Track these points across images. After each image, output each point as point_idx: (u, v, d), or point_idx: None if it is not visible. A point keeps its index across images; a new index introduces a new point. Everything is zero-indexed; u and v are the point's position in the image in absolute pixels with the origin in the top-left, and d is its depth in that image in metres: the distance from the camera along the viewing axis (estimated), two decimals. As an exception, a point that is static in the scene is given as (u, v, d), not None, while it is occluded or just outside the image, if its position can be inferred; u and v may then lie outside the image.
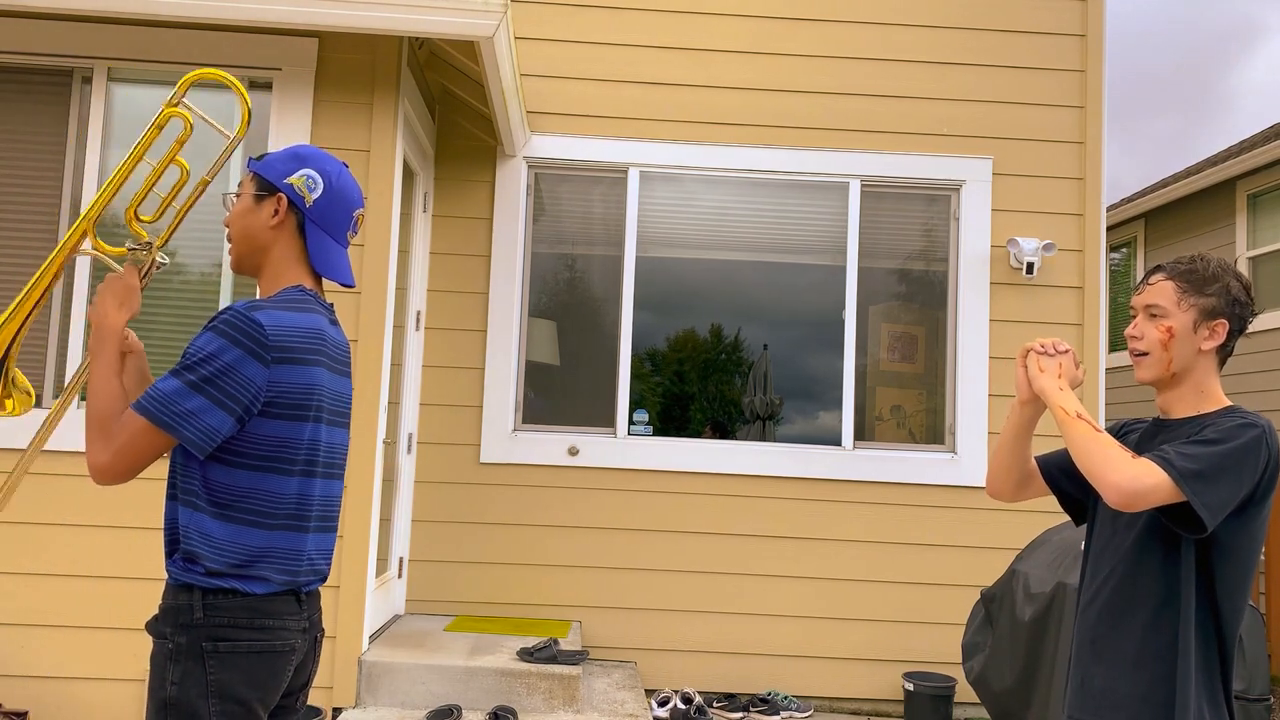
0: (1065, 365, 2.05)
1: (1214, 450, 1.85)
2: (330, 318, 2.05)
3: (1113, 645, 1.98)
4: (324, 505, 2.01)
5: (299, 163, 2.03)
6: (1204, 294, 1.97)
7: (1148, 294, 2.03)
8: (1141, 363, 2.03)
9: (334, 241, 2.05)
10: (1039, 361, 2.07)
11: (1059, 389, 2.02)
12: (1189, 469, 1.82)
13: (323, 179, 2.03)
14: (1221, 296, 1.97)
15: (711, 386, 5.77)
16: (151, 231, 4.05)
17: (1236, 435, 1.86)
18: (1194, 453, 1.85)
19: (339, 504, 2.08)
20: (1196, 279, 1.98)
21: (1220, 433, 1.87)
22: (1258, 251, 9.15)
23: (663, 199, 5.77)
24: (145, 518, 4.20)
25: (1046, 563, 3.97)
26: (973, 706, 5.22)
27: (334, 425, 2.02)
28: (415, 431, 5.42)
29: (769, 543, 5.49)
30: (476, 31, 4.12)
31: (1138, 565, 1.96)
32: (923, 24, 5.82)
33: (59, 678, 4.16)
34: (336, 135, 4.43)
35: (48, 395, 4.35)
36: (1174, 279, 2.00)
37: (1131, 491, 1.81)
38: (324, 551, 2.02)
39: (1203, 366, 2.00)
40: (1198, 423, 1.96)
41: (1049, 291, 5.70)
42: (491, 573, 5.41)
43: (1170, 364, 1.99)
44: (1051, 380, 2.03)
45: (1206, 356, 1.99)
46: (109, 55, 4.43)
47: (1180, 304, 1.98)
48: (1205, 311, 1.97)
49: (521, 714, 4.27)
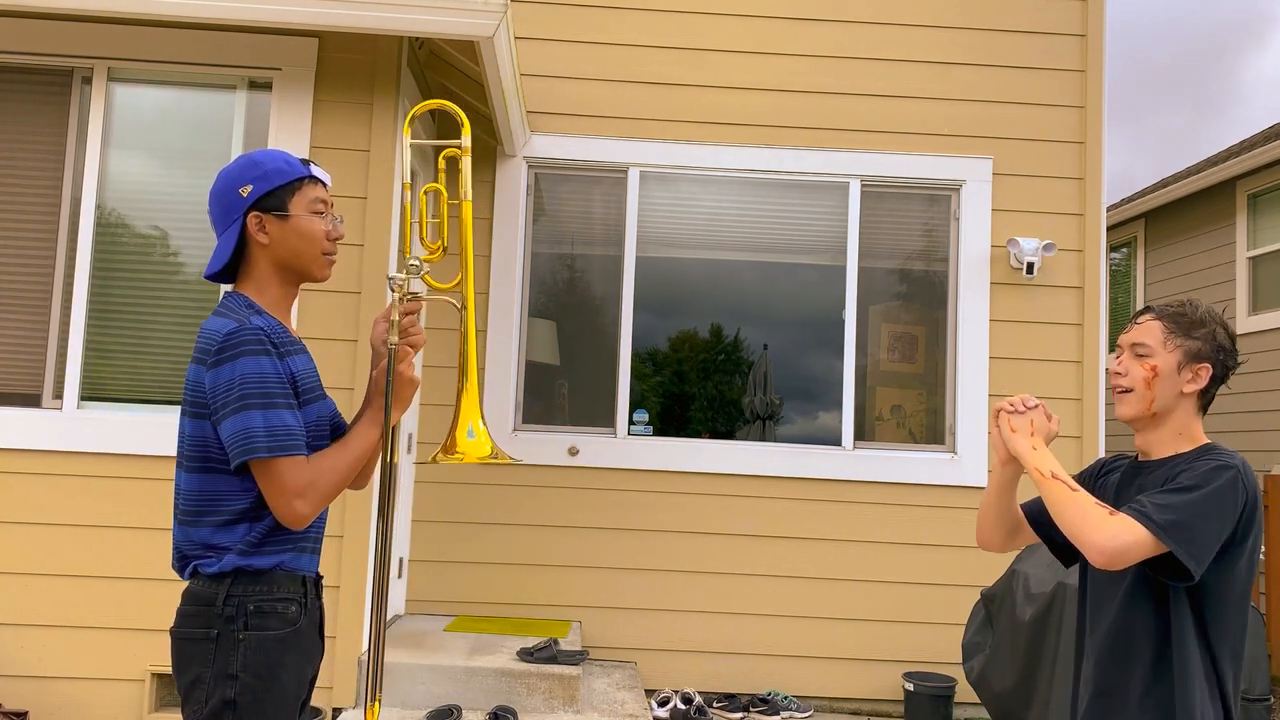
0: (1037, 421, 2.05)
1: (1190, 498, 1.84)
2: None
3: (1117, 698, 1.97)
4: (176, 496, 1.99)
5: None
6: (1191, 337, 1.99)
7: (1135, 333, 2.04)
8: (1124, 400, 2.03)
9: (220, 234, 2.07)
10: (1010, 421, 2.06)
11: (1032, 449, 2.01)
12: (1167, 520, 1.82)
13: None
14: (1208, 341, 1.98)
15: (711, 386, 5.77)
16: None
17: (1211, 479, 1.86)
18: (1170, 502, 1.85)
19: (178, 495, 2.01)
20: (1184, 322, 2.00)
21: (1195, 478, 1.87)
22: (1258, 251, 9.15)
23: (663, 199, 5.77)
24: (145, 518, 4.20)
25: (1046, 563, 3.97)
26: (973, 706, 5.22)
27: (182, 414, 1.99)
28: (415, 431, 5.42)
29: (769, 543, 5.49)
30: (476, 31, 4.12)
31: (1131, 616, 1.96)
32: (923, 24, 5.82)
33: (59, 678, 4.16)
34: (336, 135, 4.43)
35: (47, 395, 4.35)
36: (1162, 320, 2.02)
37: (1112, 550, 1.81)
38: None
39: (1183, 409, 2.00)
40: (1174, 464, 1.96)
41: (1049, 291, 5.70)
42: (491, 573, 5.41)
43: (1152, 403, 1.99)
44: (1024, 440, 2.03)
45: (1188, 400, 2.00)
46: (109, 55, 4.43)
47: (1166, 344, 1.99)
48: (1190, 354, 1.98)
49: (521, 714, 4.27)
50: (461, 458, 2.01)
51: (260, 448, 1.83)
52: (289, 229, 2.00)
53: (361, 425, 2.02)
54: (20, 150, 4.48)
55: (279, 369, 1.90)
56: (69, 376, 4.31)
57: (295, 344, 2.03)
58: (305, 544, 2.00)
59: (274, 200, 2.00)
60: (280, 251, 2.01)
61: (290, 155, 2.06)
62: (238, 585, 1.89)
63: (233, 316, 1.91)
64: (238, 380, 1.84)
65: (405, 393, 2.04)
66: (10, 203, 4.45)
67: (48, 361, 4.36)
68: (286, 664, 1.91)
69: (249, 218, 2.00)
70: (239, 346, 1.86)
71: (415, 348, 2.06)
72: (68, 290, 4.39)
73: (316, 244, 2.03)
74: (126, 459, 4.24)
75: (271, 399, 1.86)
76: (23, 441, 4.22)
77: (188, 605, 1.91)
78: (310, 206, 2.03)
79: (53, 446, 4.23)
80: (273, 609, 1.91)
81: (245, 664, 1.86)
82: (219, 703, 1.85)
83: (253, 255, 2.02)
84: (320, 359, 4.22)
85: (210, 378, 1.88)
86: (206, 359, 1.89)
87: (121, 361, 4.40)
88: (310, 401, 1.99)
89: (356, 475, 2.17)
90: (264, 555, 1.91)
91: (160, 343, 4.41)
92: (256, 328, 1.89)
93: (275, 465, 1.85)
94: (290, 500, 1.86)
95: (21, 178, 4.47)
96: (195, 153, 4.51)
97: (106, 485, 4.23)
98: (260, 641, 1.88)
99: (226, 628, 1.87)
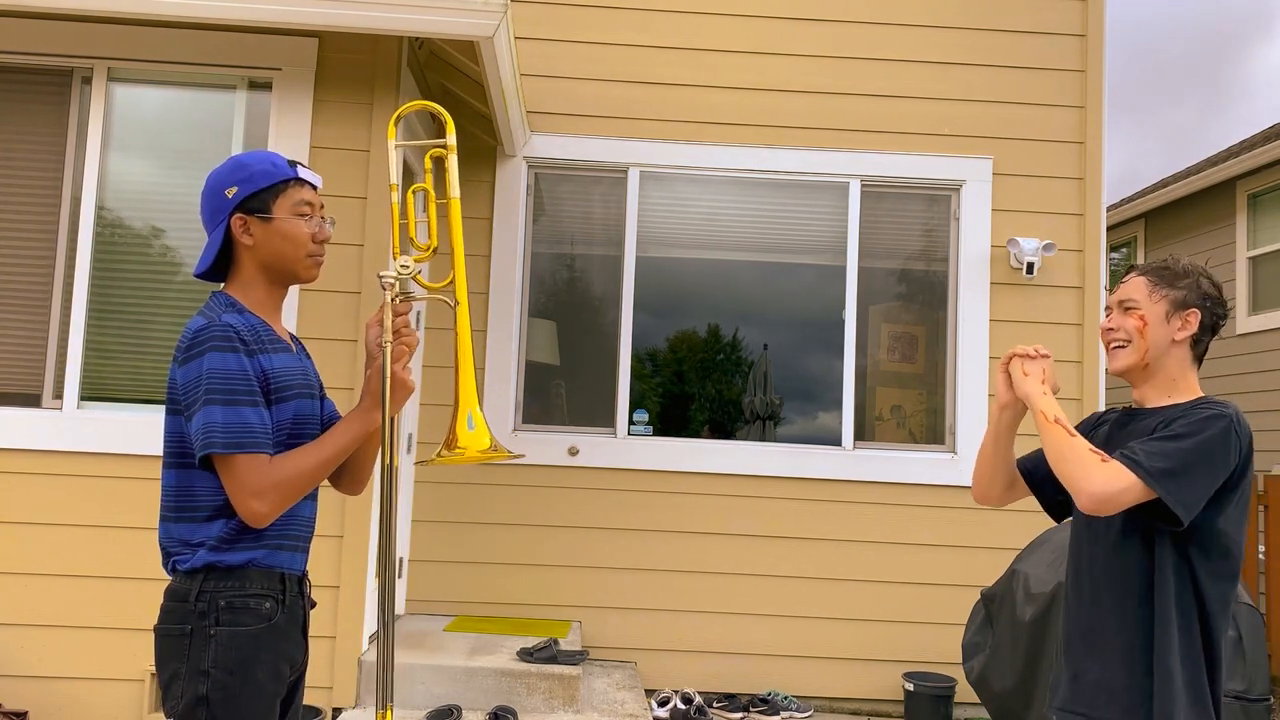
0: (1048, 370, 2.13)
1: (1183, 445, 1.89)
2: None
3: (1103, 639, 2.01)
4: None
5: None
6: (1175, 287, 2.06)
7: (1121, 290, 2.12)
8: (1118, 353, 2.09)
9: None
10: (1023, 365, 2.14)
11: (1042, 393, 2.08)
12: (1158, 468, 1.87)
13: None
14: (1192, 290, 2.06)
15: (711, 386, 5.77)
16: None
17: (1205, 427, 1.91)
18: (1162, 450, 1.89)
19: (160, 490, 2.04)
20: (1168, 274, 2.08)
21: (1188, 426, 1.92)
22: (1258, 251, 9.15)
23: (663, 199, 5.77)
24: (145, 518, 4.20)
25: (1046, 563, 3.97)
26: (973, 706, 5.22)
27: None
28: (415, 431, 5.42)
29: (769, 543, 5.49)
30: (476, 31, 4.12)
31: (1120, 559, 2.00)
32: (923, 24, 5.82)
33: (59, 678, 4.16)
34: (336, 135, 4.43)
35: (47, 395, 4.34)
36: (1146, 275, 2.10)
37: (1103, 496, 1.86)
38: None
39: (1176, 358, 2.06)
40: (1167, 413, 2.01)
41: (1049, 291, 5.70)
42: (491, 573, 5.41)
43: (1146, 352, 2.05)
44: (1035, 384, 2.10)
45: (1180, 348, 2.06)
46: (109, 55, 4.43)
47: (1152, 296, 2.07)
48: (1176, 303, 2.05)
49: (521, 714, 4.27)
50: (463, 453, 2.00)
51: (217, 443, 1.85)
52: (272, 231, 2.02)
53: (341, 424, 2.02)
54: (20, 150, 4.48)
55: (245, 366, 1.91)
56: (69, 376, 4.31)
57: (276, 343, 2.03)
58: (284, 541, 1.99)
59: (257, 202, 2.02)
60: (264, 253, 2.04)
61: (278, 157, 2.09)
62: (209, 581, 1.90)
63: (206, 315, 1.95)
64: (204, 376, 1.87)
65: (398, 395, 2.05)
66: (10, 203, 4.45)
67: (48, 361, 4.36)
68: (261, 660, 1.91)
69: (233, 219, 2.02)
70: (205, 343, 1.89)
71: (409, 348, 2.08)
72: (68, 290, 4.39)
73: (300, 246, 2.05)
74: (126, 459, 4.24)
75: (234, 395, 1.88)
76: (23, 441, 4.22)
77: (166, 601, 1.93)
78: (295, 209, 2.04)
79: (53, 446, 4.23)
80: (245, 605, 1.91)
81: (217, 660, 1.87)
82: (193, 698, 1.85)
83: (239, 256, 2.05)
84: (320, 359, 4.22)
85: (181, 374, 1.91)
86: (179, 356, 1.93)
87: (121, 361, 4.40)
88: (286, 399, 1.98)
89: (351, 481, 2.19)
90: (236, 551, 1.92)
91: (160, 342, 4.41)
92: (225, 324, 1.91)
93: (233, 462, 1.87)
94: (247, 499, 1.87)
95: (21, 178, 4.47)
96: (195, 153, 4.51)
97: (106, 485, 4.23)
98: (232, 637, 1.88)
99: (199, 623, 1.88)
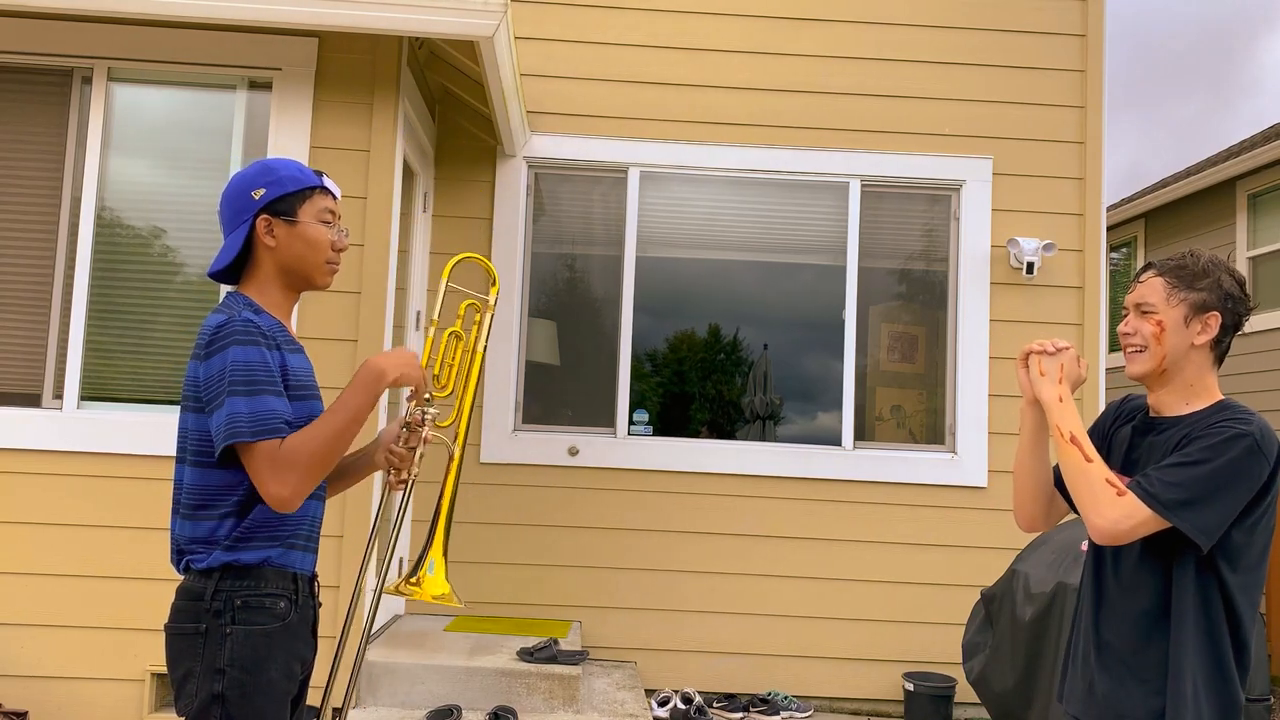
0: (1067, 364, 2.02)
1: (1199, 473, 1.81)
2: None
3: (1119, 652, 1.95)
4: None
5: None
6: (1194, 289, 1.95)
7: (1138, 292, 2.01)
8: (1135, 358, 1.99)
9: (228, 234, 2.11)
10: (1040, 363, 2.03)
11: (1059, 399, 1.98)
12: (1173, 499, 1.80)
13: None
14: (1213, 291, 1.95)
15: (711, 387, 5.77)
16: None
17: (1225, 450, 1.82)
18: (1179, 479, 1.82)
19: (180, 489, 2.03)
20: (1186, 274, 1.96)
21: (1206, 450, 1.83)
22: (1258, 251, 9.14)
23: (663, 199, 5.77)
24: (145, 518, 4.20)
25: (1046, 563, 3.97)
26: (973, 706, 5.22)
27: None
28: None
29: (769, 543, 5.49)
30: (476, 31, 4.12)
31: (1142, 572, 1.94)
32: (923, 24, 5.82)
33: (59, 678, 4.16)
34: (336, 135, 4.43)
35: (47, 395, 4.34)
36: (1164, 275, 1.99)
37: (1114, 532, 1.82)
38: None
39: (1195, 362, 1.96)
40: (1186, 424, 1.93)
41: (1049, 291, 5.70)
42: (491, 573, 5.41)
43: (1164, 359, 1.95)
44: (1052, 388, 2.00)
45: (1200, 352, 1.96)
46: (109, 55, 4.43)
47: (1170, 299, 1.96)
48: (1195, 306, 1.94)
49: (521, 714, 4.27)
50: (417, 591, 2.16)
51: (244, 431, 1.85)
52: (296, 234, 2.05)
53: (345, 393, 1.97)
54: (20, 150, 4.48)
55: (267, 358, 1.92)
56: (69, 376, 4.31)
57: (292, 344, 2.06)
58: (296, 540, 2.01)
59: (284, 205, 2.05)
60: (285, 256, 2.06)
61: (304, 166, 2.14)
62: (225, 580, 1.91)
63: (226, 311, 1.96)
64: (227, 370, 1.88)
65: (373, 467, 2.33)
66: (10, 203, 4.45)
67: (48, 361, 4.36)
68: (275, 659, 1.92)
69: (258, 220, 2.04)
70: (227, 338, 1.89)
71: (405, 470, 2.31)
72: (68, 290, 4.38)
73: (321, 252, 2.09)
74: (126, 459, 4.24)
75: (257, 385, 1.88)
76: (23, 441, 4.22)
77: (180, 600, 1.94)
78: (319, 215, 2.08)
79: (53, 446, 4.23)
80: (260, 604, 1.92)
81: (232, 658, 1.88)
82: (207, 696, 1.87)
83: (258, 257, 2.07)
84: (319, 359, 4.22)
85: (204, 370, 1.92)
86: (200, 353, 1.93)
87: (121, 361, 4.40)
88: (301, 399, 2.01)
89: (349, 478, 2.25)
90: (251, 550, 1.93)
91: (160, 342, 4.41)
92: (246, 319, 1.92)
93: (259, 449, 1.87)
94: (277, 481, 1.86)
95: (21, 178, 4.47)
96: (195, 152, 4.51)
97: (106, 485, 4.23)
98: (247, 636, 1.89)
99: (214, 622, 1.89)
